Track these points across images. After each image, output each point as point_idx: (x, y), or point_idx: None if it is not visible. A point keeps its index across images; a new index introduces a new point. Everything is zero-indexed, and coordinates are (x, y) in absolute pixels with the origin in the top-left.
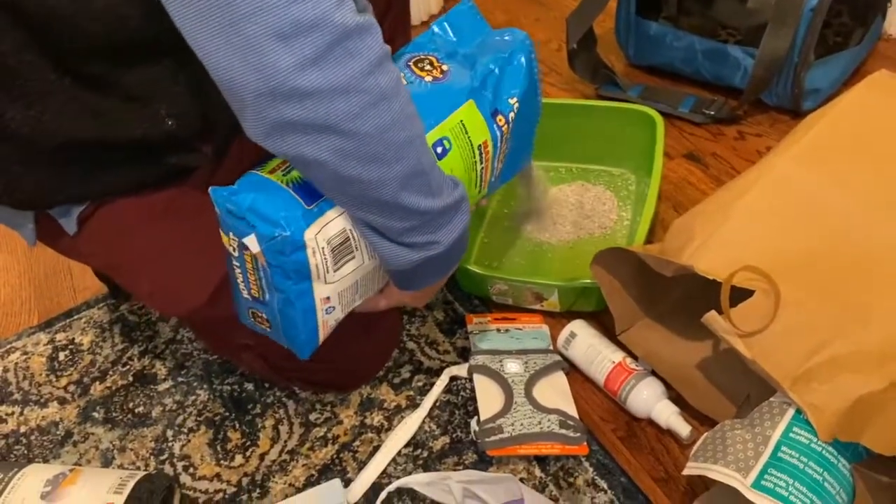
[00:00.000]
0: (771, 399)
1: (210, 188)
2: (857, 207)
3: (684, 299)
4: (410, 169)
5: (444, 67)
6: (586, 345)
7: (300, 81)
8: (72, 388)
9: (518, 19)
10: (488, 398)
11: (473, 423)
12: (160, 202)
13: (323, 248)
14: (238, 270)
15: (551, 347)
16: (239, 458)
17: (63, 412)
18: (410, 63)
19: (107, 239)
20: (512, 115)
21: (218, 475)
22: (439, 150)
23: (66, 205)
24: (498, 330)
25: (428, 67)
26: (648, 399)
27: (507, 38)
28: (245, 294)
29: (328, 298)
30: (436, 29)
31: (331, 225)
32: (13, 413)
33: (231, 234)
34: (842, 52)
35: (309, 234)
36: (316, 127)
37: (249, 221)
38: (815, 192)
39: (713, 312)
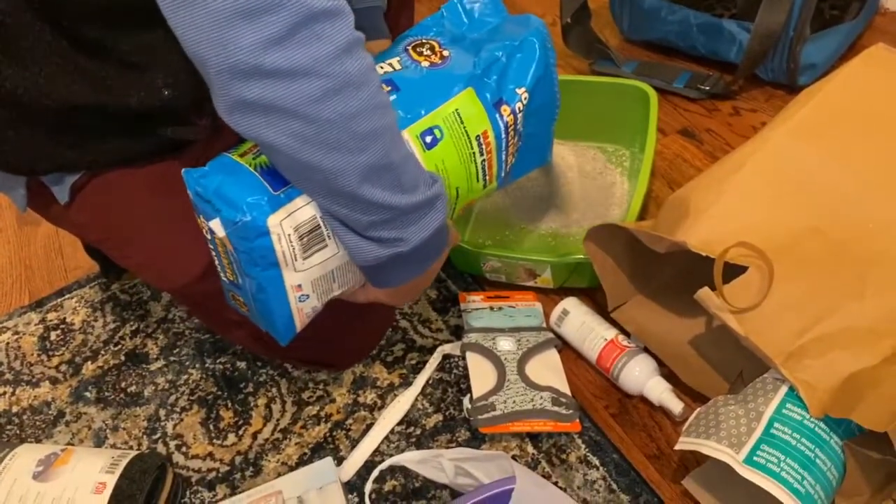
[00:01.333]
0: (764, 375)
1: (183, 169)
2: (853, 183)
3: (677, 276)
4: (375, 161)
5: (445, 53)
6: (579, 322)
7: (261, 60)
8: (63, 367)
9: None
10: (481, 376)
11: (466, 400)
12: (155, 175)
13: (289, 234)
14: (214, 253)
15: (544, 325)
16: (232, 437)
17: (55, 392)
18: (409, 47)
19: (99, 210)
20: (520, 105)
21: (211, 454)
22: (428, 139)
23: (59, 173)
24: (491, 308)
25: (427, 52)
26: (640, 376)
27: (521, 24)
28: (223, 277)
29: (300, 286)
30: (445, 11)
31: (299, 212)
32: (5, 393)
33: (201, 217)
34: (838, 27)
35: (273, 221)
36: (276, 108)
37: (215, 205)
38: (810, 167)
39: (706, 289)
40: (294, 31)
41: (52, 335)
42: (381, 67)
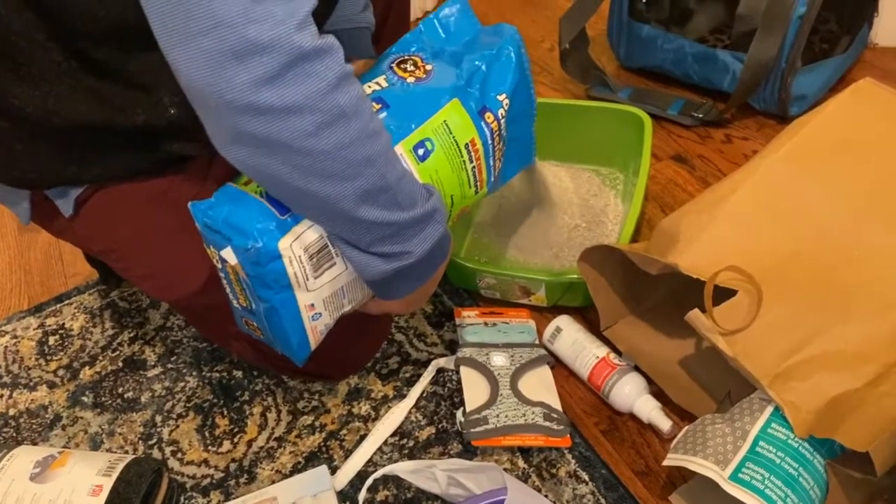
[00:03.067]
0: (751, 396)
1: (189, 203)
2: (841, 211)
3: (669, 298)
4: (371, 185)
5: (428, 67)
6: (571, 339)
7: (255, 98)
8: (61, 372)
9: (511, 19)
10: (474, 390)
11: (459, 414)
12: (158, 188)
13: (300, 256)
14: (225, 281)
15: (537, 342)
16: (227, 444)
17: (52, 396)
18: (393, 65)
19: (103, 222)
20: (502, 111)
21: (206, 461)
22: (421, 151)
23: (64, 186)
24: (485, 323)
25: (411, 68)
26: (631, 394)
27: (496, 34)
28: (235, 304)
29: (312, 305)
30: (422, 27)
31: (307, 233)
32: (2, 396)
33: (211, 247)
34: (828, 60)
35: (283, 244)
36: (271, 142)
37: (225, 234)
38: (800, 194)
39: (696, 311)
40: (285, 71)
41: (51, 340)
42: (369, 86)
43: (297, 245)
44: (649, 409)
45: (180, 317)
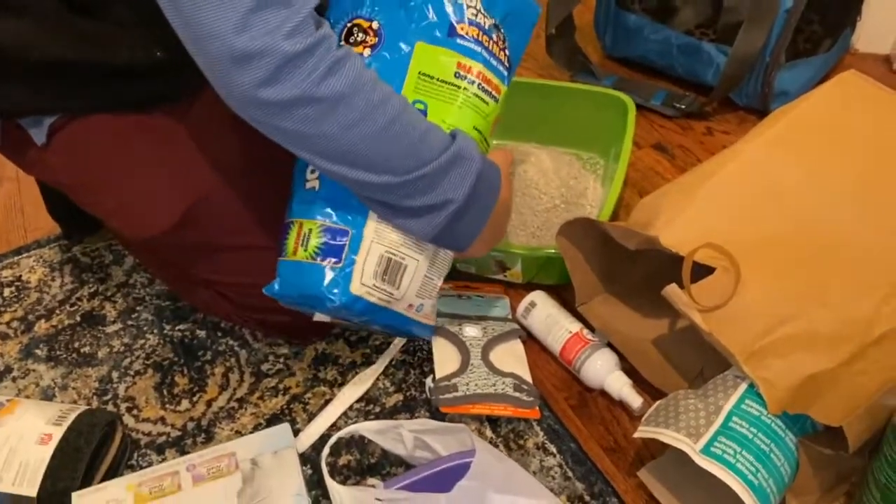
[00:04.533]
0: (725, 373)
1: (263, 289)
2: (821, 196)
3: (645, 278)
4: (390, 151)
5: (375, 25)
6: (545, 314)
7: (258, 95)
8: (15, 324)
9: None
10: (445, 358)
11: (429, 381)
12: (136, 123)
13: (375, 284)
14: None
15: (510, 317)
16: (185, 403)
17: (3, 347)
18: (342, 43)
19: (76, 151)
20: (472, 11)
21: (162, 418)
22: None
23: (38, 115)
24: (459, 296)
25: (360, 37)
26: (602, 369)
27: None
28: (348, 324)
29: (410, 305)
30: None
31: (367, 263)
32: None
33: (306, 309)
34: (811, 58)
35: (355, 287)
36: (285, 131)
37: (307, 304)
38: (781, 178)
39: (674, 285)
40: (278, 73)
41: (6, 292)
42: None
43: (367, 279)
44: (620, 386)
45: (144, 274)
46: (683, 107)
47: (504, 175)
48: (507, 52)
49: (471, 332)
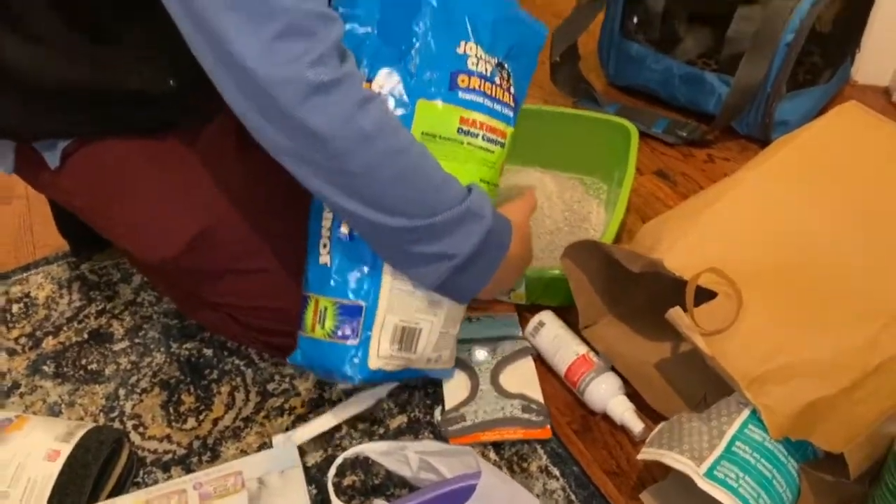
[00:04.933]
0: (728, 398)
1: (288, 359)
2: (822, 225)
3: (648, 301)
4: (403, 198)
5: (367, 87)
6: (553, 335)
7: (286, 121)
8: (23, 340)
9: None
10: (454, 387)
11: (437, 412)
12: (147, 147)
13: (392, 354)
14: None
15: (521, 334)
16: (191, 422)
17: (11, 363)
18: None
19: (89, 175)
20: (473, 60)
21: (168, 436)
22: None
23: (51, 139)
24: (469, 319)
25: None
26: (606, 393)
27: None
28: None
29: (429, 360)
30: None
31: (383, 336)
32: None
33: None
34: (811, 89)
35: (373, 362)
36: (303, 159)
37: (332, 377)
38: (783, 206)
39: (677, 308)
40: (304, 101)
41: (14, 308)
42: None
43: (383, 352)
44: (622, 410)
45: (151, 292)
46: (685, 134)
47: (519, 226)
48: (512, 90)
49: (480, 355)
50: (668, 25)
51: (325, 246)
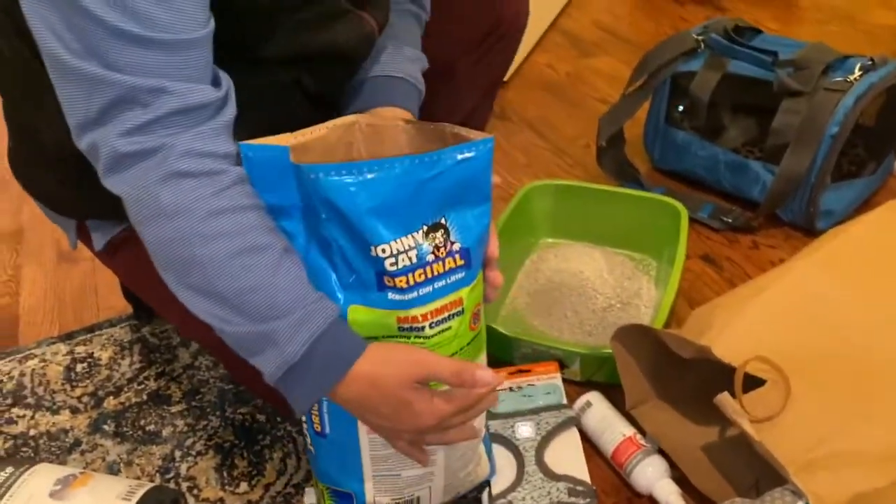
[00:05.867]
0: (782, 488)
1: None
2: (869, 316)
3: (696, 387)
4: (200, 285)
5: None
6: (601, 415)
7: (104, 181)
8: (86, 398)
9: (549, 116)
10: (499, 469)
11: (484, 497)
12: None
13: None
14: None
15: (564, 401)
16: (244, 486)
17: (74, 421)
18: None
19: (134, 268)
20: (391, 259)
21: (221, 499)
22: None
23: (99, 220)
24: (511, 389)
25: None
26: (653, 475)
27: (311, 176)
28: None
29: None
30: None
31: None
32: (24, 416)
33: None
34: (856, 180)
35: None
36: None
37: None
38: (832, 297)
39: (726, 394)
40: (114, 165)
41: (78, 367)
42: None
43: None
44: (668, 493)
45: (208, 357)
46: (730, 220)
47: (380, 363)
48: (456, 246)
49: (524, 431)
50: (713, 115)
51: (307, 435)
